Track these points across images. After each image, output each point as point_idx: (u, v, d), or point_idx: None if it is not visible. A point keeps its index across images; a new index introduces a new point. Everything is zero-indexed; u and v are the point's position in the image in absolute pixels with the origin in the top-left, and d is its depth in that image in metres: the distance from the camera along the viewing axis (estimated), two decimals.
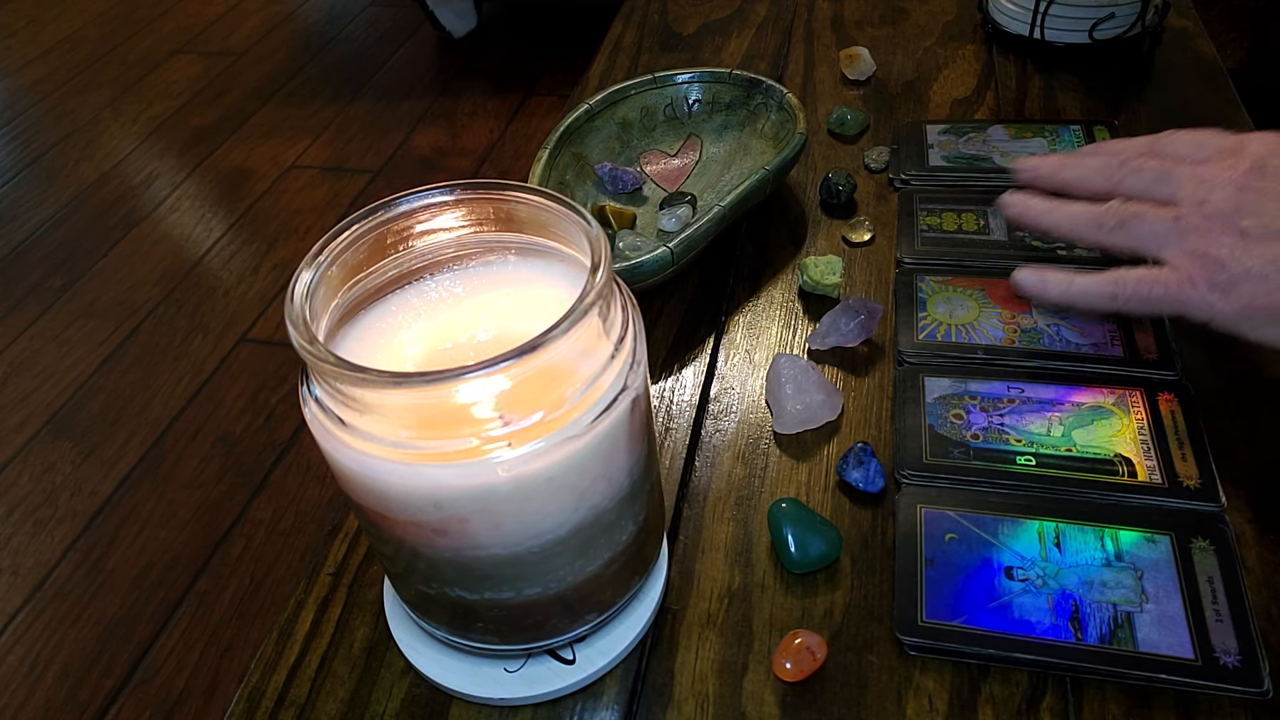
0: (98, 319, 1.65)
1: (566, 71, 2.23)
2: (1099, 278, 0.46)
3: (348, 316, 0.35)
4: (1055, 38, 0.73)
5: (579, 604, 0.36)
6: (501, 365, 0.27)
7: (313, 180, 1.96)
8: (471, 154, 2.00)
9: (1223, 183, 0.44)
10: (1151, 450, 0.43)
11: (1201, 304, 0.42)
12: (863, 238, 0.59)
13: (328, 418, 0.30)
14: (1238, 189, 0.43)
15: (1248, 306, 0.41)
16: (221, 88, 2.31)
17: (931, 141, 0.65)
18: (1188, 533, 0.40)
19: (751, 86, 0.65)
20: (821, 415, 0.47)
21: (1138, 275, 0.44)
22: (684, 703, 0.37)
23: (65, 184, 2.02)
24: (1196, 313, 0.43)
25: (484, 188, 0.34)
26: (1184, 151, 0.48)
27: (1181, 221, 0.44)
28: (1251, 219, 0.42)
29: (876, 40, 0.79)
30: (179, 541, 1.27)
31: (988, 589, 0.39)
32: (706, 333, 0.54)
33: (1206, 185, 0.44)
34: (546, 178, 0.59)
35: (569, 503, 0.32)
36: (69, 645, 1.16)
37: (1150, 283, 0.44)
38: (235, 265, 1.75)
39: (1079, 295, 0.46)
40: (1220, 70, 0.71)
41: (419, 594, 0.36)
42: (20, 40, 2.62)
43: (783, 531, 0.41)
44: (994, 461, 0.44)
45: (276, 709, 0.39)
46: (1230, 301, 0.42)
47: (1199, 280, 0.42)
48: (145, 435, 1.43)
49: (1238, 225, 0.42)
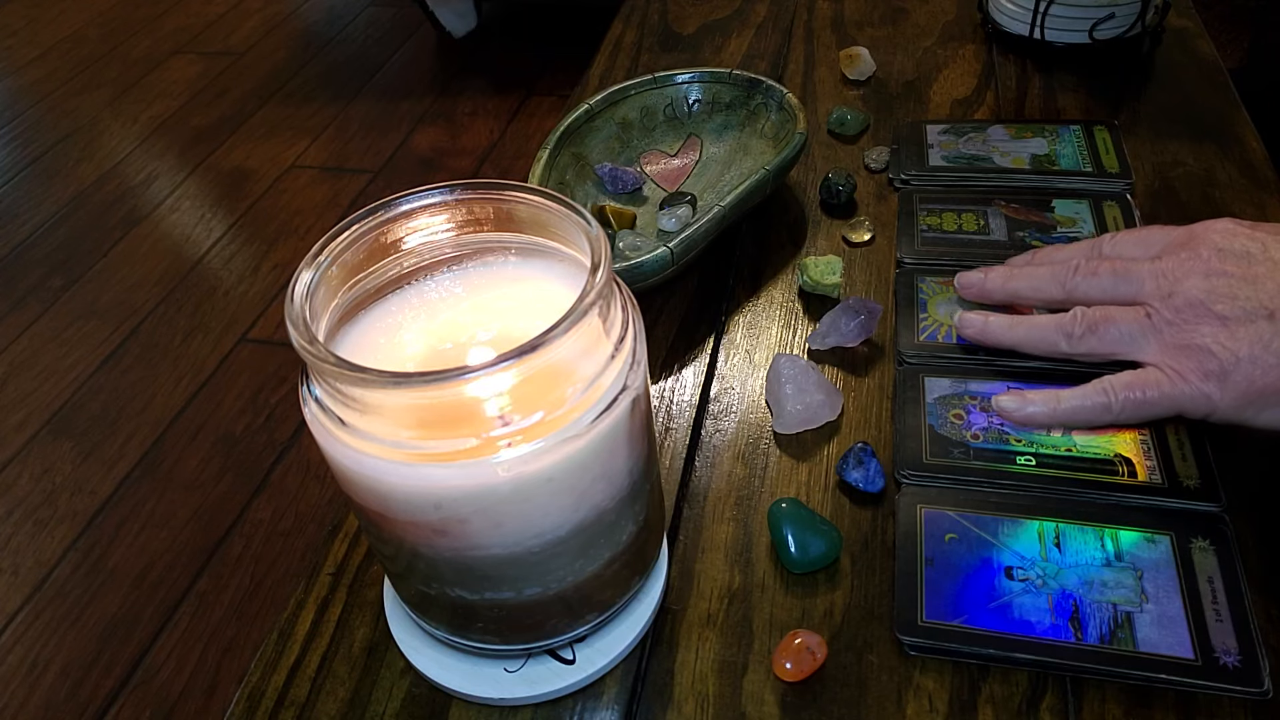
0: (98, 319, 1.65)
1: (566, 71, 2.23)
2: (1088, 390, 0.44)
3: (348, 316, 0.35)
4: (1055, 38, 0.73)
5: (579, 604, 0.36)
6: (502, 365, 0.27)
7: (313, 180, 1.96)
8: (471, 154, 2.00)
9: (1186, 274, 0.43)
10: (1151, 450, 0.43)
11: (1198, 397, 0.41)
12: (863, 238, 0.59)
13: (328, 418, 0.30)
14: (1204, 276, 0.42)
15: (1246, 392, 0.40)
16: (221, 88, 2.31)
17: (931, 141, 0.65)
18: (1188, 533, 0.40)
19: (751, 86, 0.65)
20: (821, 415, 0.47)
21: (1125, 381, 0.43)
22: (684, 703, 0.37)
23: (65, 184, 2.02)
24: (1194, 408, 0.42)
25: (484, 188, 0.34)
26: (1132, 251, 0.47)
27: (1154, 318, 0.43)
28: (1225, 303, 0.41)
29: (876, 40, 0.79)
30: (179, 541, 1.27)
31: (988, 589, 0.39)
32: (706, 333, 0.54)
33: (1169, 279, 0.43)
34: (546, 178, 0.59)
35: (569, 503, 0.32)
36: (69, 645, 1.16)
37: (1141, 386, 0.42)
38: (235, 265, 1.75)
39: (1068, 414, 0.44)
40: (1220, 70, 0.71)
41: (419, 594, 0.36)
42: (20, 40, 2.62)
43: (783, 531, 0.41)
44: (994, 461, 0.44)
45: (276, 709, 0.39)
46: (1228, 390, 0.40)
47: (1189, 374, 0.41)
48: (145, 435, 1.43)
49: (1214, 312, 0.41)
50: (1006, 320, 0.48)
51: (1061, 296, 0.47)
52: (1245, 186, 0.60)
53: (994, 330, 0.48)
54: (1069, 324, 0.46)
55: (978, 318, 0.49)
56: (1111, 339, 0.44)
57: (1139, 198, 0.59)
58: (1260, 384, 0.40)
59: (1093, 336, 0.45)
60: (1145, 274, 0.44)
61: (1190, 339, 0.42)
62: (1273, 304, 0.40)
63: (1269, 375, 0.40)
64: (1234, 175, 0.61)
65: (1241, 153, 0.62)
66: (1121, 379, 0.43)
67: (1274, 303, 0.40)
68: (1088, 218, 0.57)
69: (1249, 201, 0.58)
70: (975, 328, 0.49)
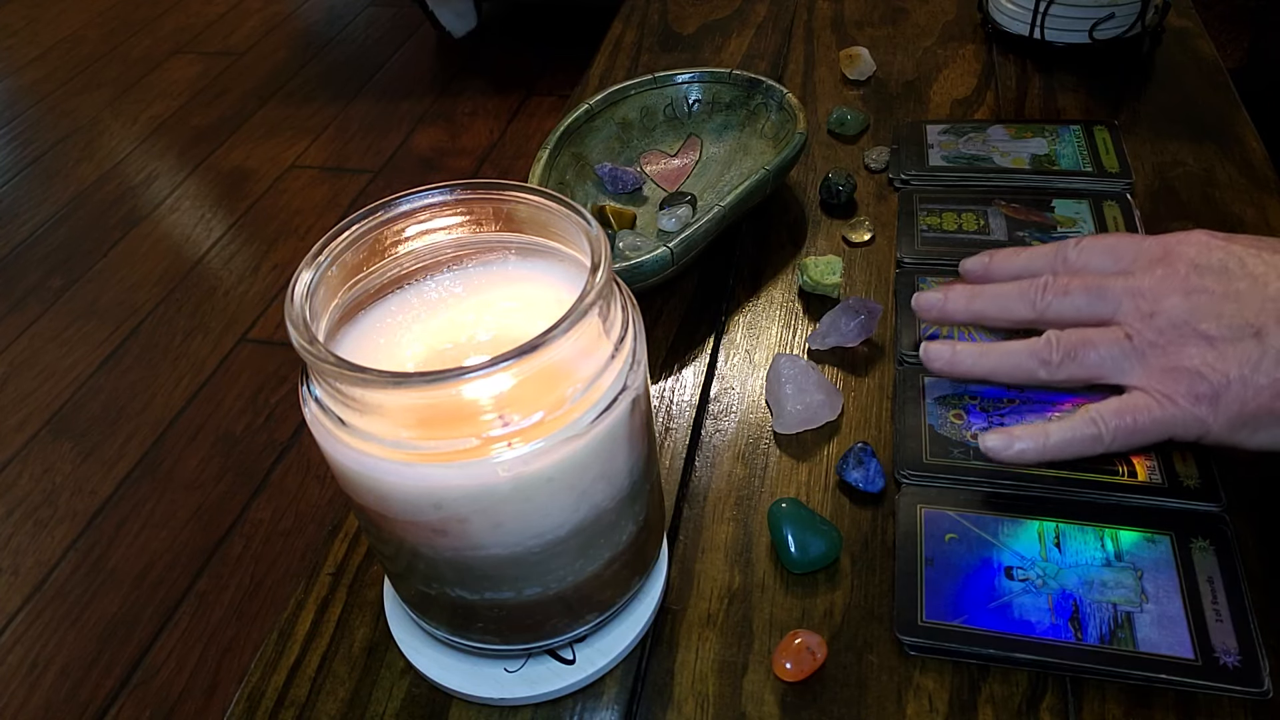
0: (98, 319, 1.65)
1: (566, 71, 2.24)
2: (1075, 423, 0.41)
3: (348, 316, 0.35)
4: (1055, 38, 0.73)
5: (579, 604, 0.36)
6: (501, 365, 0.27)
7: (313, 180, 1.96)
8: (471, 154, 2.00)
9: (1165, 292, 0.41)
10: (1151, 450, 0.43)
11: (1190, 421, 0.40)
12: (863, 238, 0.59)
13: (328, 418, 0.30)
14: (1184, 294, 0.41)
15: (1240, 414, 0.39)
16: (221, 88, 2.31)
17: (931, 141, 0.65)
18: (1188, 533, 0.40)
19: (751, 86, 0.65)
20: (821, 415, 0.47)
21: (1114, 408, 0.41)
22: (684, 703, 0.37)
23: (65, 184, 2.02)
24: (1187, 431, 0.40)
25: (484, 188, 0.34)
26: (1100, 263, 0.45)
27: (1136, 340, 0.41)
28: (1210, 322, 0.40)
29: (876, 40, 0.79)
30: (179, 541, 1.27)
31: (988, 589, 0.39)
32: (706, 333, 0.54)
33: (1148, 298, 0.42)
34: (546, 178, 0.59)
35: (569, 503, 0.32)
36: (69, 645, 1.16)
37: (1131, 412, 0.41)
38: (235, 265, 1.75)
39: (1059, 449, 0.41)
40: (1220, 70, 0.71)
41: (419, 594, 0.36)
42: (20, 40, 2.62)
43: (783, 531, 0.41)
44: (994, 462, 0.44)
45: (276, 709, 0.39)
46: (1220, 413, 0.39)
47: (1179, 397, 0.40)
48: (145, 435, 1.43)
49: (1199, 331, 0.40)
50: (976, 349, 0.45)
51: (1032, 317, 0.45)
52: (1245, 186, 0.60)
53: (963, 361, 0.45)
54: (1044, 350, 0.43)
55: (944, 349, 0.46)
56: (1093, 364, 0.42)
57: (1139, 198, 0.59)
58: (1252, 406, 0.39)
59: (1072, 363, 0.43)
60: (1121, 292, 0.42)
61: (1178, 361, 0.40)
62: (1258, 321, 0.39)
63: (1260, 397, 0.38)
64: (1234, 175, 0.61)
65: (1241, 153, 0.62)
66: (1109, 407, 0.41)
67: (1259, 320, 0.39)
68: (1088, 218, 0.57)
69: (1249, 202, 0.58)
70: (942, 360, 0.46)
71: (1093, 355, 0.42)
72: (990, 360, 0.45)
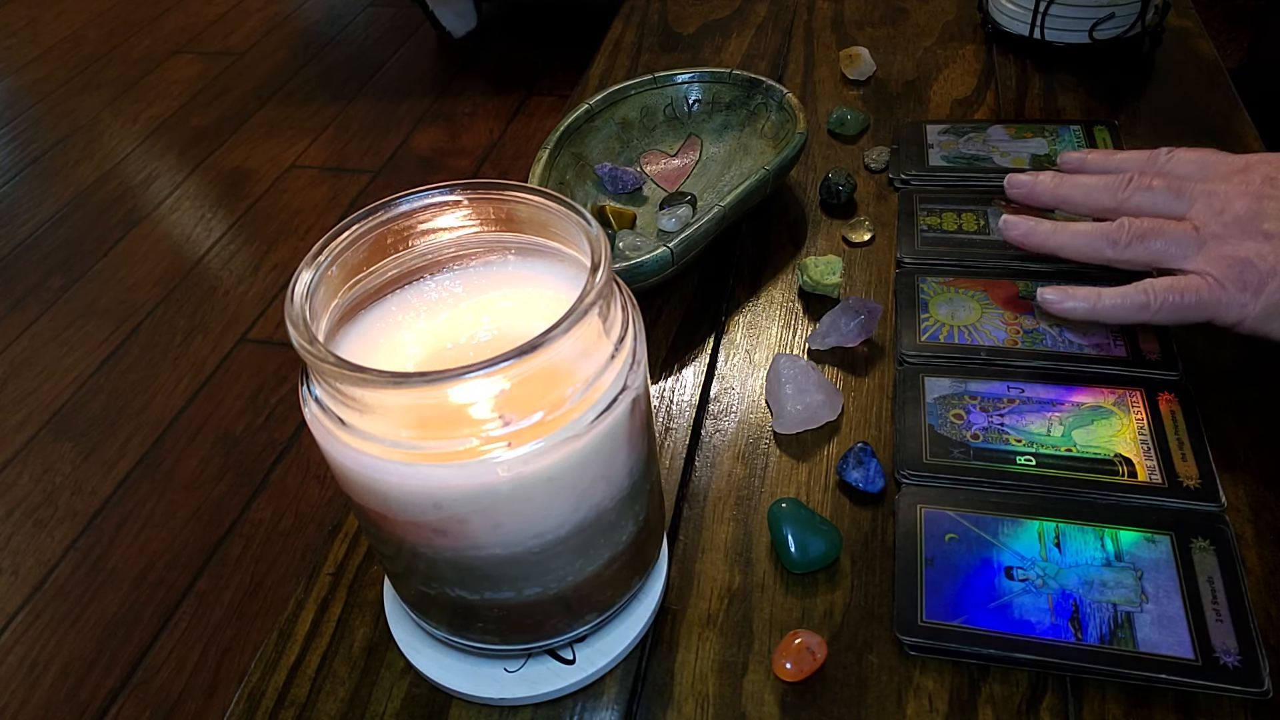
0: (98, 319, 1.65)
1: (566, 71, 2.24)
2: (1128, 290, 0.45)
3: (348, 316, 0.35)
4: (1055, 38, 0.73)
5: (579, 604, 0.36)
6: (501, 365, 0.27)
7: (313, 180, 1.96)
8: (471, 154, 2.00)
9: (1237, 195, 0.45)
10: (1151, 450, 0.43)
11: (1232, 305, 0.43)
12: (863, 238, 0.59)
13: (328, 418, 0.30)
14: (1255, 198, 0.44)
15: (1277, 304, 0.42)
16: (221, 88, 2.31)
17: (931, 141, 0.65)
18: (1188, 533, 0.40)
19: (751, 86, 0.65)
20: (821, 415, 0.47)
21: (1167, 284, 0.45)
22: (684, 703, 0.37)
23: (65, 184, 2.02)
24: (1227, 315, 0.44)
25: (484, 188, 0.34)
26: (1188, 171, 0.48)
27: (1202, 231, 0.45)
28: (1274, 222, 0.43)
29: (876, 40, 0.79)
30: (179, 541, 1.27)
31: (988, 589, 0.39)
32: (706, 333, 0.54)
33: (1222, 199, 0.45)
34: (546, 178, 0.59)
35: (569, 503, 0.32)
36: (69, 645, 1.16)
37: (1181, 290, 0.44)
38: (235, 265, 1.75)
39: (1108, 310, 0.46)
40: (1220, 70, 0.71)
41: (419, 594, 0.36)
42: (20, 40, 2.62)
43: (783, 531, 0.41)
44: (994, 461, 0.44)
45: (276, 709, 0.39)
46: (1260, 301, 0.43)
47: (1229, 283, 0.43)
48: (145, 435, 1.43)
49: (1261, 228, 0.43)
50: (1051, 225, 0.49)
51: (1113, 206, 0.48)
52: None
53: (1038, 232, 0.49)
54: (1115, 232, 0.47)
55: (1023, 220, 0.50)
56: (1157, 249, 0.46)
57: None
58: None
59: (1139, 245, 0.46)
60: (1199, 193, 0.46)
61: (1235, 251, 0.43)
62: None
63: None
64: None
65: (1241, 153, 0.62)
66: (1163, 282, 0.45)
67: None
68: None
69: None
70: (1020, 230, 0.50)
71: (1158, 243, 0.46)
72: (1063, 236, 0.49)
